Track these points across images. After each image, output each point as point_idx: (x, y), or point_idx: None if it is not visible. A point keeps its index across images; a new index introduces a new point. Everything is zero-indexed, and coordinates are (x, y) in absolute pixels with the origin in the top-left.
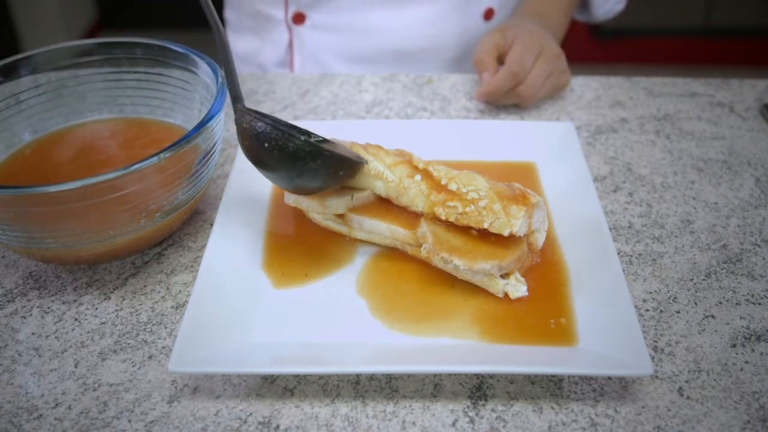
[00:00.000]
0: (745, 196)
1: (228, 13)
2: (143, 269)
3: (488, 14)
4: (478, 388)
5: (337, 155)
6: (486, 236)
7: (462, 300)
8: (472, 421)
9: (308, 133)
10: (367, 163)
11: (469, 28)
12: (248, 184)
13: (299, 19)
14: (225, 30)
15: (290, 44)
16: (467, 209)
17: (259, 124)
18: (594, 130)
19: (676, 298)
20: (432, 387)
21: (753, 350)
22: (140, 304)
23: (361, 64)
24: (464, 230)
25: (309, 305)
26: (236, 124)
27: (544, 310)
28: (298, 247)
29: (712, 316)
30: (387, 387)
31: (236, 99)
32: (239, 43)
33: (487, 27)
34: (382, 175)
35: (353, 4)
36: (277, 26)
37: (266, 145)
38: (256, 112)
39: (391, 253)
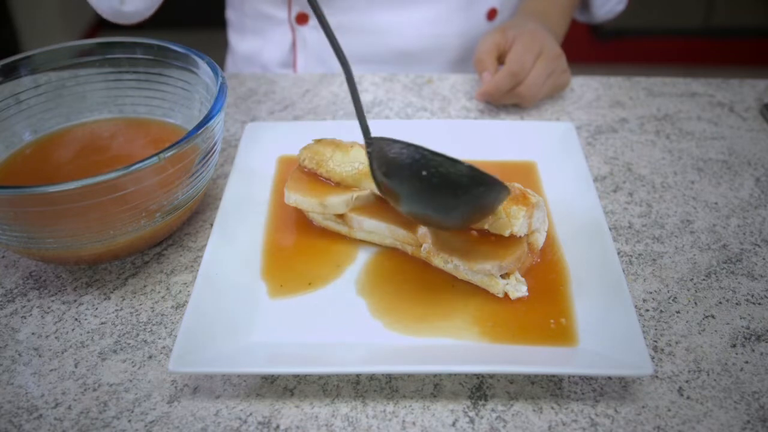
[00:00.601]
0: (745, 196)
1: (230, 14)
2: (143, 269)
3: (491, 14)
4: (478, 388)
5: (497, 181)
6: (486, 236)
7: (462, 300)
8: (472, 421)
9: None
10: (509, 191)
11: (473, 28)
12: (248, 184)
13: (302, 19)
14: (227, 30)
15: (293, 44)
16: None
17: (411, 150)
18: (594, 130)
19: (676, 298)
20: (432, 387)
21: (753, 350)
22: (140, 304)
23: (364, 64)
24: (464, 230)
25: (309, 305)
26: (377, 156)
27: (544, 310)
28: (298, 252)
29: (712, 316)
30: (387, 387)
31: (366, 131)
32: (242, 43)
33: (490, 27)
34: None
35: (357, 5)
36: (280, 26)
37: (424, 173)
38: (391, 139)
39: (391, 253)
